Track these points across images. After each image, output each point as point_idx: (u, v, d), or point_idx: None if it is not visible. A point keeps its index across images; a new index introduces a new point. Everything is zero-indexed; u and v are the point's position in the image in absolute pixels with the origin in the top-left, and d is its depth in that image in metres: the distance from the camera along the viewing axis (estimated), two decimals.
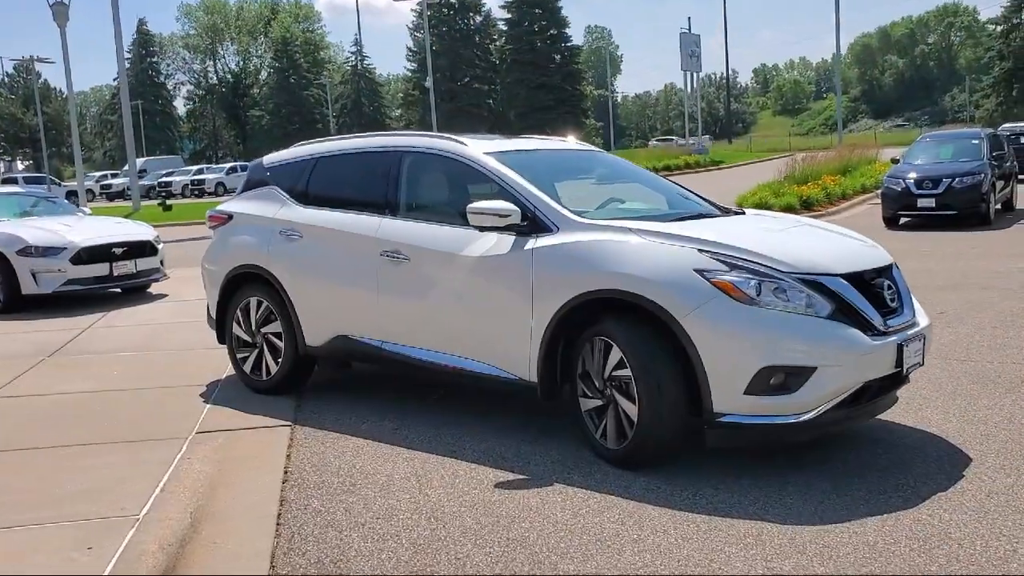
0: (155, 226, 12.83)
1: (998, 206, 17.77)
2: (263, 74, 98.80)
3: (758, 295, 4.27)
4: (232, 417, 5.84)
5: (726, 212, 5.65)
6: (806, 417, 4.25)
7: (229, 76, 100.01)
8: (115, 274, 10.98)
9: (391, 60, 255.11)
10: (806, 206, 19.93)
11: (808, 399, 4.24)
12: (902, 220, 17.25)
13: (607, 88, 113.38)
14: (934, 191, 16.63)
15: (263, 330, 6.34)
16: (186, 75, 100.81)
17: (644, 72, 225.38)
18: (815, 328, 4.26)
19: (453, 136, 5.72)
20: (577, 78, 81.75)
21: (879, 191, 25.57)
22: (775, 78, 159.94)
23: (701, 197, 6.01)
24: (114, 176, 57.09)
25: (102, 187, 54.32)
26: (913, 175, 17.02)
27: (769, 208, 17.92)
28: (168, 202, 35.33)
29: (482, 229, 5.03)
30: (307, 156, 6.41)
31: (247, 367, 6.46)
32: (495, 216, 4.91)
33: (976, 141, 18.19)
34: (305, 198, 6.25)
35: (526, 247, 4.90)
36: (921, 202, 16.75)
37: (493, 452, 4.94)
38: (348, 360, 6.24)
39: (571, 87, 79.46)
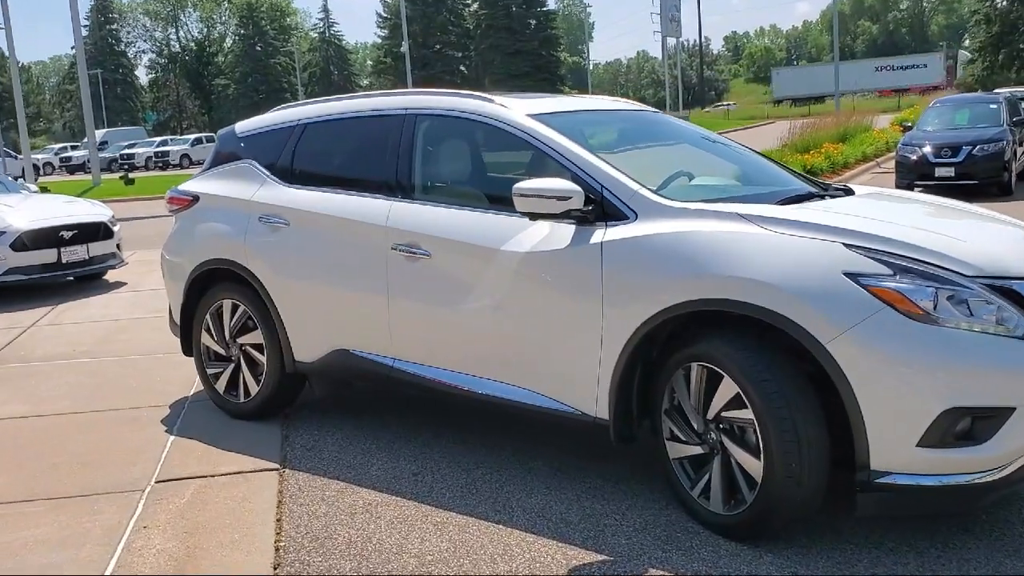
0: (117, 201, 11.43)
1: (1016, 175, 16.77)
2: (228, 41, 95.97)
3: (935, 308, 3.08)
4: (203, 455, 4.58)
5: (824, 188, 4.45)
6: (1000, 476, 3.09)
7: (192, 44, 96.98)
8: (64, 261, 9.58)
9: (359, 27, 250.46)
10: (810, 175, 18.83)
11: (1001, 451, 3.07)
12: (917, 191, 16.19)
13: (581, 55, 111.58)
14: (953, 159, 15.56)
15: (240, 340, 5.08)
16: (147, 43, 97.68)
17: (614, 39, 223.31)
18: (1013, 353, 3.08)
19: (483, 94, 4.44)
20: (554, 44, 79.90)
21: (878, 159, 24.91)
22: (746, 45, 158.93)
23: (788, 169, 4.80)
24: (74, 148, 54.83)
25: (61, 160, 52.16)
26: (930, 143, 15.94)
27: None
28: (131, 175, 33.59)
29: (533, 217, 3.78)
30: (291, 122, 5.09)
31: (220, 385, 5.20)
32: (551, 199, 3.67)
33: (994, 106, 17.10)
34: (290, 175, 4.96)
35: (592, 240, 3.67)
36: (939, 171, 15.66)
37: (551, 513, 3.73)
38: (348, 380, 4.98)
39: (547, 53, 77.60)
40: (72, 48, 31.32)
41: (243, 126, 5.43)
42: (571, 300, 3.71)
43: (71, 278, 10.17)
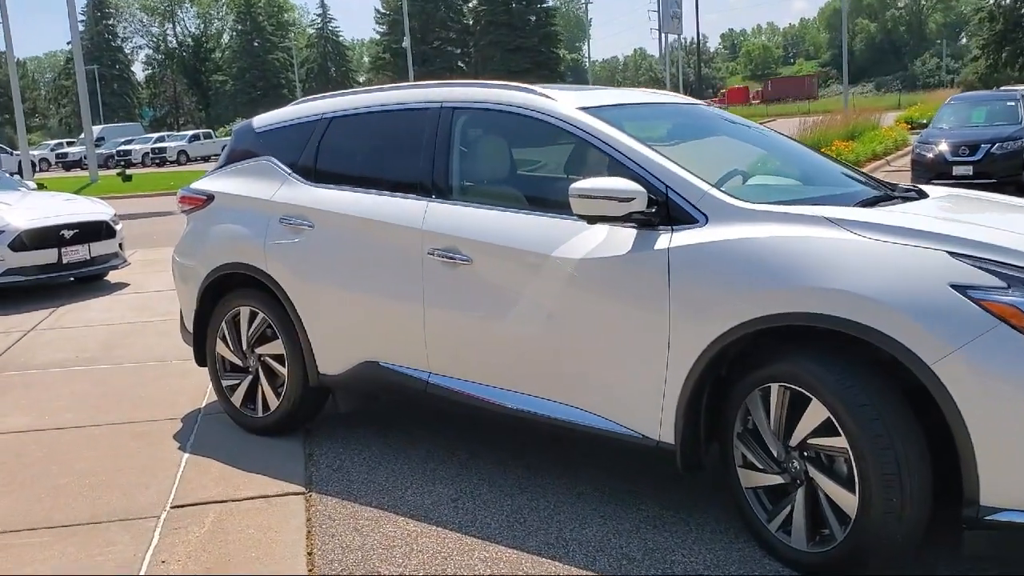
0: (115, 198, 11.05)
1: None
2: (225, 37, 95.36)
3: None
4: (220, 476, 4.24)
5: (890, 188, 4.11)
6: None
7: (189, 40, 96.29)
8: (64, 261, 9.21)
9: (356, 24, 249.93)
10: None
11: None
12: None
13: (580, 52, 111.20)
14: (971, 158, 15.25)
15: (259, 351, 4.73)
16: (144, 38, 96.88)
17: (612, 37, 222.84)
18: None
19: (526, 86, 4.09)
20: (554, 40, 79.50)
21: (888, 157, 24.58)
22: (743, 43, 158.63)
23: (845, 165, 4.47)
24: (70, 144, 54.40)
25: (57, 156, 51.73)
26: (947, 141, 15.62)
27: None
28: (128, 172, 33.19)
29: (591, 220, 3.44)
30: (315, 116, 4.73)
31: (236, 398, 4.85)
32: (611, 201, 3.33)
33: (1012, 103, 16.75)
34: (314, 174, 4.60)
35: (657, 246, 3.32)
36: (957, 170, 15.32)
37: (610, 547, 3.39)
38: (378, 394, 4.62)
39: (547, 49, 77.19)
40: (68, 43, 30.97)
41: (261, 120, 5.07)
42: (633, 313, 3.37)
43: (72, 279, 9.80)
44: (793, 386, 3.05)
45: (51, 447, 4.77)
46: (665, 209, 3.38)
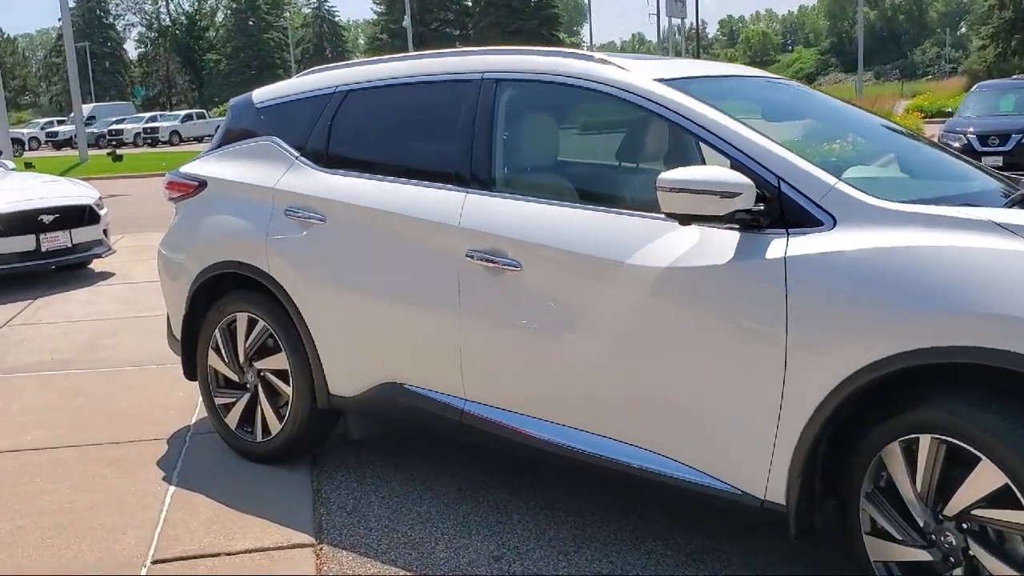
0: (105, 178, 10.30)
1: None
2: (219, 15, 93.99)
3: None
4: (212, 518, 3.54)
5: (1014, 181, 3.41)
6: None
7: (183, 17, 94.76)
8: (43, 249, 8.46)
9: (353, 3, 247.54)
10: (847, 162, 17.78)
11: None
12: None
13: (579, 36, 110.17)
14: (1002, 148, 14.62)
15: (258, 365, 4.02)
16: (137, 16, 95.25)
17: (609, 22, 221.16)
18: None
19: (590, 53, 3.37)
20: (554, 23, 78.28)
21: None
22: (742, 30, 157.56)
23: (952, 153, 3.77)
24: (60, 123, 53.23)
25: (47, 135, 50.60)
26: (975, 130, 14.97)
27: None
28: (119, 152, 32.32)
29: (684, 220, 2.73)
30: (327, 89, 4.01)
31: (232, 419, 4.15)
32: (711, 196, 2.62)
33: None
34: (326, 157, 3.88)
35: (770, 254, 2.62)
36: (986, 160, 14.61)
37: None
38: (400, 422, 3.91)
39: (548, 33, 75.83)
40: (60, 20, 29.93)
41: (263, 93, 4.34)
42: (735, 340, 2.67)
43: (53, 268, 9.04)
44: (954, 440, 2.36)
45: (12, 475, 4.06)
46: (777, 207, 2.68)
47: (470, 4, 78.72)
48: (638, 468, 2.93)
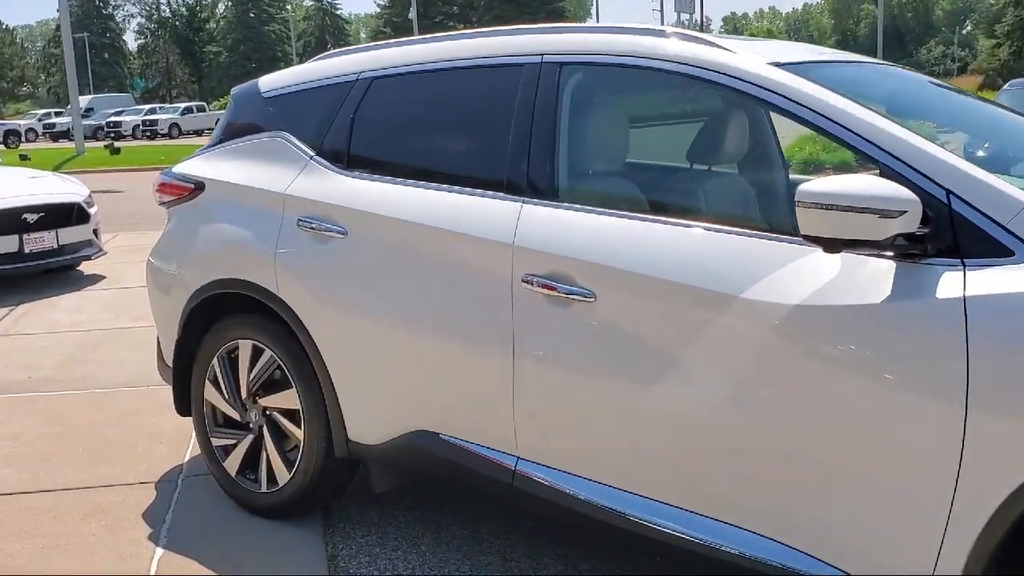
0: (101, 171, 9.64)
1: None
2: (220, 7, 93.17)
3: None
4: None
5: None
6: None
7: (183, 9, 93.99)
8: (27, 250, 7.79)
9: None
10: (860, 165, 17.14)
11: None
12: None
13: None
14: None
15: (264, 402, 3.40)
16: (136, 7, 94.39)
17: (614, 15, 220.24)
18: None
19: (680, 30, 2.73)
20: (560, 17, 77.44)
21: None
22: (746, 27, 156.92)
23: None
24: (58, 115, 52.57)
25: (45, 126, 49.93)
26: None
27: (822, 165, 15.14)
28: (116, 144, 31.64)
29: (830, 245, 2.09)
30: (348, 76, 3.36)
31: (231, 464, 3.52)
32: (867, 215, 1.99)
33: None
34: (347, 158, 3.24)
35: (942, 292, 1.98)
36: None
37: None
38: (436, 478, 3.26)
39: None
40: (58, 9, 29.23)
41: (271, 81, 3.70)
42: (893, 400, 2.04)
43: (41, 270, 8.37)
44: None
45: None
46: (947, 230, 2.05)
47: None
48: (750, 560, 2.30)
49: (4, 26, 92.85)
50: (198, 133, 46.36)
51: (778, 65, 2.46)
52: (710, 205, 2.62)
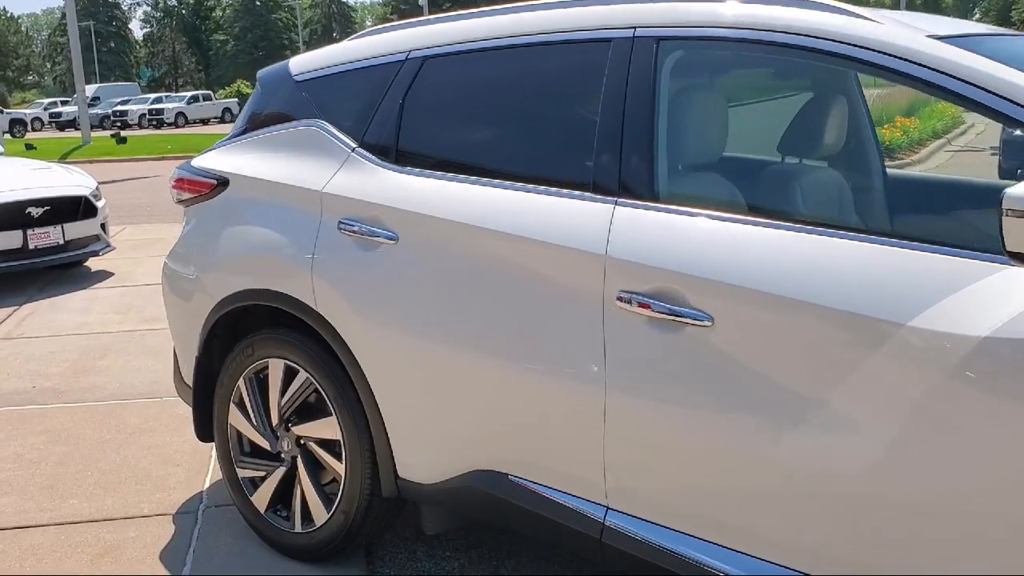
0: (108, 161, 9.21)
1: None
2: None
3: None
4: None
5: None
6: None
7: None
8: (31, 246, 7.36)
9: None
10: (887, 152, 16.69)
11: None
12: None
13: None
14: None
15: (298, 430, 2.96)
16: None
17: None
18: None
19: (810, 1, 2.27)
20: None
21: (948, 136, 22.82)
22: None
23: None
24: (64, 103, 52.17)
25: (51, 116, 49.52)
26: None
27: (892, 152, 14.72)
28: (123, 133, 31.24)
29: None
30: (394, 55, 2.91)
31: (260, 499, 3.10)
32: None
33: None
34: (394, 151, 2.79)
35: None
36: None
37: None
38: (503, 525, 2.83)
39: None
40: None
41: (304, 63, 3.24)
42: None
43: (42, 268, 7.94)
44: None
45: None
46: None
47: None
48: None
49: (9, 14, 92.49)
50: (204, 122, 45.96)
51: (940, 39, 2.00)
52: (860, 210, 2.17)
